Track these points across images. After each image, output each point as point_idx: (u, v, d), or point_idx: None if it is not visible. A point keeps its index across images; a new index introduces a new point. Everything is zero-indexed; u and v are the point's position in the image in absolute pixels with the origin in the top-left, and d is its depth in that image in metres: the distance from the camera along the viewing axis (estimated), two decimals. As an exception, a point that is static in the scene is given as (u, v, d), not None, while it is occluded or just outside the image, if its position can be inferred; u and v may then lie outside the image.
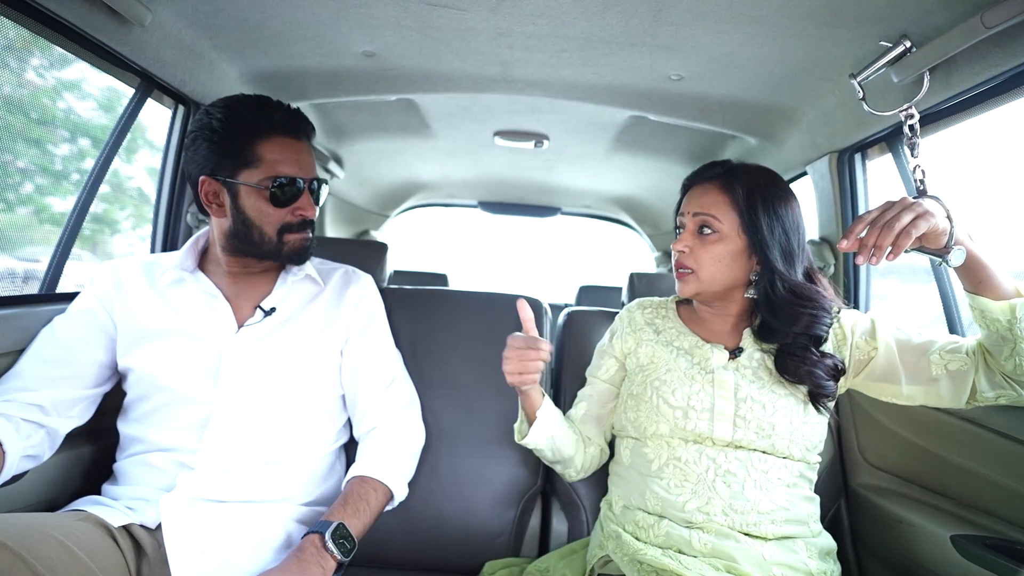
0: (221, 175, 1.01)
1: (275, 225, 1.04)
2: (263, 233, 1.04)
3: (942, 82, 1.04)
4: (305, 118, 1.08)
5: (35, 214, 1.47)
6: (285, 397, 1.08)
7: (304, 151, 1.06)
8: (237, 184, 1.01)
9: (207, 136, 1.01)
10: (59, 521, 0.86)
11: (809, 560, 0.94)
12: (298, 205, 1.05)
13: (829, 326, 1.00)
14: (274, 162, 1.01)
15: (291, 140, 1.04)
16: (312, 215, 1.07)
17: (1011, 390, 0.90)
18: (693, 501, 0.96)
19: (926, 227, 0.79)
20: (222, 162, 1.01)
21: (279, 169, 1.01)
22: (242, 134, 1.00)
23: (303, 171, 1.05)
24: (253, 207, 1.02)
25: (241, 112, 1.01)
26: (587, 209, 3.47)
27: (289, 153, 1.03)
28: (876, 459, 1.31)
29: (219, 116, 1.01)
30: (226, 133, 1.00)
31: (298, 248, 1.08)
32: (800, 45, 1.15)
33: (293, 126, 1.05)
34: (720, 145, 2.05)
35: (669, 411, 1.01)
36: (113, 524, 0.91)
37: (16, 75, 1.21)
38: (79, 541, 0.83)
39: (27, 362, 1.00)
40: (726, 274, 1.02)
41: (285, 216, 1.04)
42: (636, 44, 1.23)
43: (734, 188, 1.01)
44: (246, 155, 1.00)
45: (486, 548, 1.27)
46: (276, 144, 1.02)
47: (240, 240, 1.05)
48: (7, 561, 0.72)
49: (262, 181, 1.01)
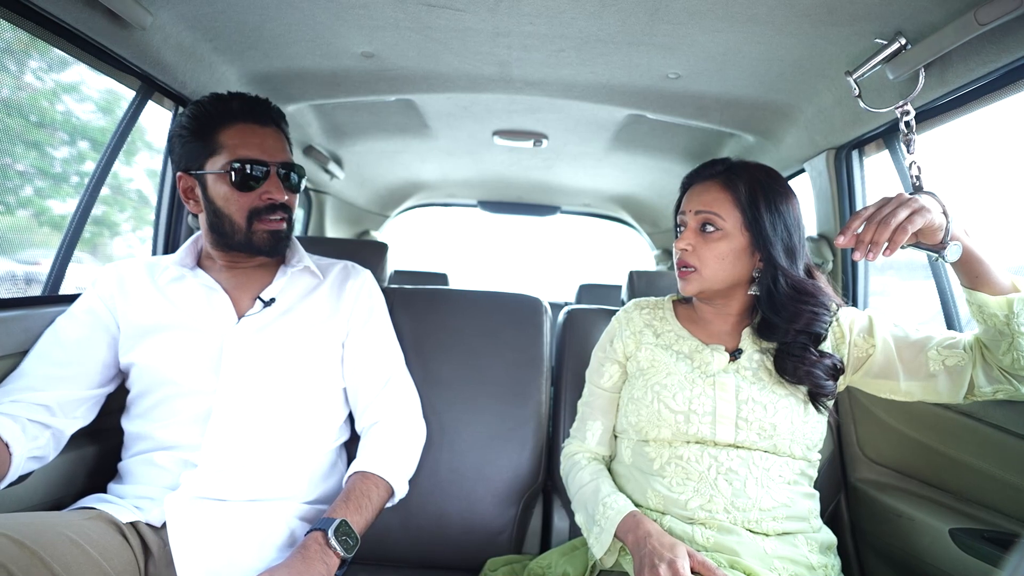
0: (193, 169, 1.06)
1: (243, 211, 1.06)
2: (232, 221, 1.06)
3: (937, 79, 1.04)
4: (268, 105, 1.11)
5: (36, 217, 1.47)
6: (286, 388, 1.09)
7: (268, 136, 1.08)
8: (205, 174, 1.05)
9: (179, 134, 1.07)
10: (71, 520, 0.87)
11: (810, 554, 0.95)
12: (264, 188, 1.06)
13: (829, 323, 1.00)
14: (234, 146, 1.04)
15: (253, 126, 1.06)
16: (279, 198, 1.07)
17: (1008, 384, 0.91)
18: (695, 499, 0.96)
19: (922, 223, 0.80)
20: (192, 156, 1.06)
21: (239, 152, 1.04)
22: (205, 126, 1.05)
23: (266, 154, 1.06)
24: (219, 194, 1.05)
25: (204, 106, 1.07)
26: (586, 208, 3.47)
27: (249, 137, 1.05)
28: (875, 454, 1.31)
29: (187, 114, 1.07)
30: (192, 128, 1.05)
31: (267, 238, 1.08)
32: (796, 43, 1.16)
33: (254, 112, 1.07)
34: (718, 143, 2.06)
35: (671, 416, 1.01)
36: (122, 520, 0.92)
37: (17, 78, 1.22)
38: (92, 540, 0.84)
39: (32, 362, 1.01)
40: (729, 271, 1.02)
41: (252, 200, 1.06)
42: (633, 43, 1.23)
43: (736, 186, 1.01)
44: (210, 145, 1.04)
45: (487, 545, 1.27)
46: (236, 130, 1.05)
47: (217, 233, 1.08)
48: (25, 560, 0.74)
49: (224, 166, 1.04)
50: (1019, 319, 0.85)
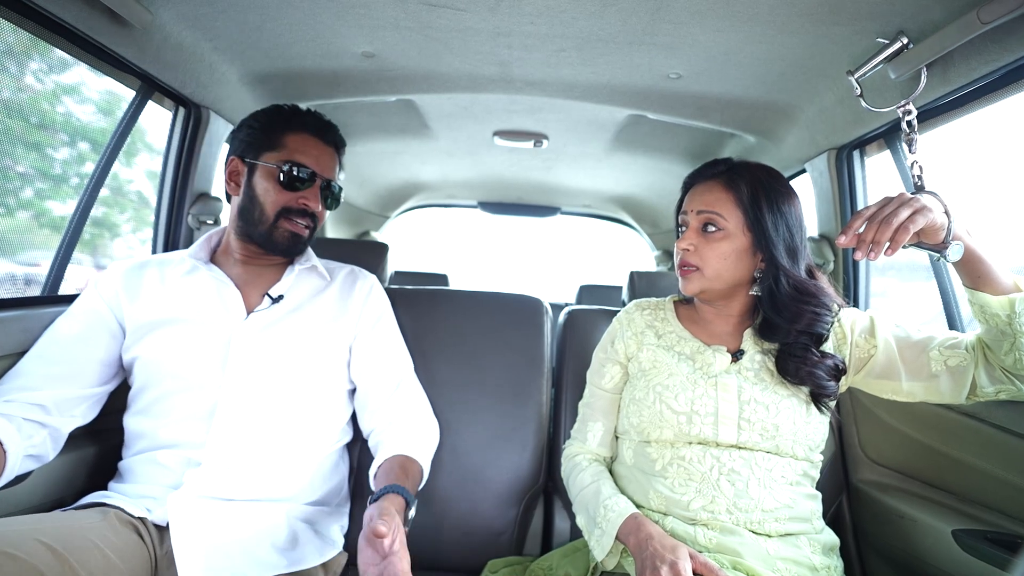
0: (248, 156, 1.12)
1: (276, 205, 1.11)
2: (263, 211, 1.10)
3: (939, 78, 1.04)
4: (336, 130, 1.20)
5: (36, 218, 1.47)
6: (292, 386, 1.09)
7: (325, 153, 1.15)
8: (257, 164, 1.11)
9: (249, 124, 1.15)
10: (93, 522, 0.89)
11: (812, 555, 0.94)
12: (303, 194, 1.12)
13: (831, 324, 1.00)
14: (294, 150, 1.11)
15: (317, 140, 1.14)
16: (314, 207, 1.13)
17: (1011, 385, 0.91)
18: (698, 500, 0.96)
19: (923, 222, 0.80)
20: (252, 145, 1.13)
21: (296, 156, 1.11)
22: (276, 124, 1.13)
23: (318, 166, 1.13)
24: (262, 185, 1.11)
25: (281, 110, 1.16)
26: (587, 208, 3.47)
27: (310, 148, 1.13)
28: (877, 455, 1.31)
29: (264, 110, 1.17)
30: (264, 122, 1.14)
31: (288, 238, 1.12)
32: (798, 42, 1.16)
33: (321, 130, 1.16)
34: (719, 143, 2.06)
35: (672, 416, 1.01)
36: (134, 514, 0.94)
37: (17, 80, 1.22)
38: (111, 543, 0.87)
39: (28, 362, 1.01)
40: (731, 271, 1.02)
41: (288, 200, 1.11)
42: (634, 43, 1.23)
43: (738, 186, 1.01)
44: (273, 141, 1.12)
45: (488, 546, 1.27)
46: (301, 138, 1.13)
47: (244, 219, 1.12)
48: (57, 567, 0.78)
49: (277, 162, 1.10)
50: (1021, 319, 0.84)
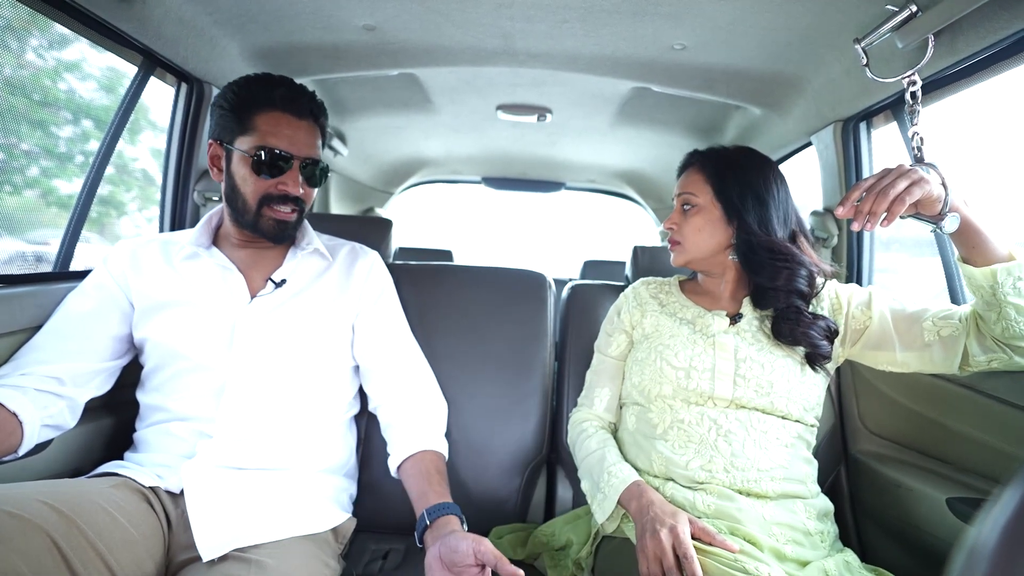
0: (224, 140, 1.08)
1: (255, 194, 1.07)
2: (245, 201, 1.08)
3: (947, 47, 1.03)
4: (311, 98, 1.10)
5: (43, 197, 1.48)
6: (297, 366, 1.11)
7: (301, 129, 1.08)
8: (233, 149, 1.07)
9: (220, 104, 1.09)
10: (100, 488, 0.91)
11: (807, 520, 0.97)
12: (282, 179, 1.07)
13: (810, 280, 1.05)
14: (265, 133, 1.05)
15: (289, 117, 1.07)
16: (295, 191, 1.08)
17: (1002, 353, 0.93)
18: (696, 460, 1.00)
19: (920, 194, 0.82)
20: (224, 129, 1.08)
21: (267, 140, 1.05)
22: (244, 104, 1.06)
23: (294, 147, 1.07)
24: (239, 173, 1.07)
25: (250, 85, 1.08)
26: (591, 183, 3.45)
27: (283, 127, 1.06)
28: (876, 426, 1.33)
29: (234, 88, 1.08)
30: (232, 103, 1.07)
31: (273, 226, 1.09)
32: (805, 11, 1.14)
33: (294, 104, 1.07)
34: (724, 116, 2.03)
35: (672, 372, 1.06)
36: (144, 484, 0.96)
37: (18, 56, 1.21)
38: (120, 507, 0.88)
39: (43, 336, 1.03)
40: (708, 241, 1.11)
41: (267, 187, 1.07)
42: (638, 13, 1.21)
43: (706, 165, 1.13)
44: (246, 123, 1.06)
45: (493, 514, 1.31)
46: (272, 117, 1.06)
47: (231, 206, 1.11)
48: (64, 527, 0.79)
49: (250, 149, 1.05)
50: (1004, 288, 0.87)
